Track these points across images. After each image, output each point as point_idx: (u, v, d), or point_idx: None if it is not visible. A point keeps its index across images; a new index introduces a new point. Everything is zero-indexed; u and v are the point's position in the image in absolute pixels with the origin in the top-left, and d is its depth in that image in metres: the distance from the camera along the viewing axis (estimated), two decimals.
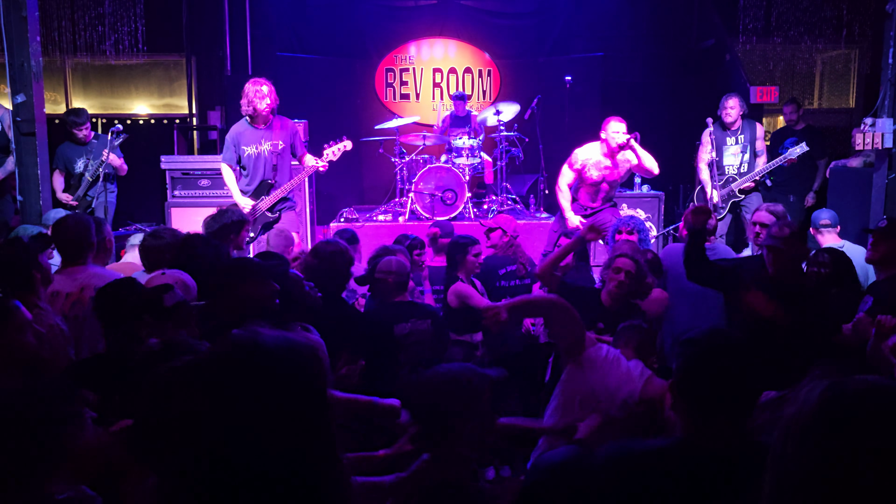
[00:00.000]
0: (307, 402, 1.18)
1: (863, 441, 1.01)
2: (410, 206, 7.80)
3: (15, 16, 5.12)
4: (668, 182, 9.14)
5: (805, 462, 1.04)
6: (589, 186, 5.92)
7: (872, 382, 1.07)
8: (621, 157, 5.78)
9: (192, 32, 9.59)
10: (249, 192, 5.57)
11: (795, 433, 1.06)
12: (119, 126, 6.42)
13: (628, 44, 10.28)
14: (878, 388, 1.06)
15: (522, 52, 10.28)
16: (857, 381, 1.08)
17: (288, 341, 1.21)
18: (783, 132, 7.89)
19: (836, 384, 1.07)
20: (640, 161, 5.69)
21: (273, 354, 1.18)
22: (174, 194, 7.42)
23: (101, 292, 2.64)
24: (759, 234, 4.27)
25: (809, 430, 1.05)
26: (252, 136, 5.55)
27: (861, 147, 5.60)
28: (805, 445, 1.05)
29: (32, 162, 5.31)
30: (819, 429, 1.04)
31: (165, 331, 2.53)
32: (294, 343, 1.22)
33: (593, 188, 5.91)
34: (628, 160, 5.77)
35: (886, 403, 1.04)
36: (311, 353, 1.23)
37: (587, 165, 5.82)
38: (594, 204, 5.99)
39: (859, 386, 1.07)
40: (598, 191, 5.92)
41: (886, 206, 5.54)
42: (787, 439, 1.07)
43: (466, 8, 10.20)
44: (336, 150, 5.60)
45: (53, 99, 9.57)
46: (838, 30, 9.17)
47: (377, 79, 10.10)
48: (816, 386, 1.08)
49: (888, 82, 5.47)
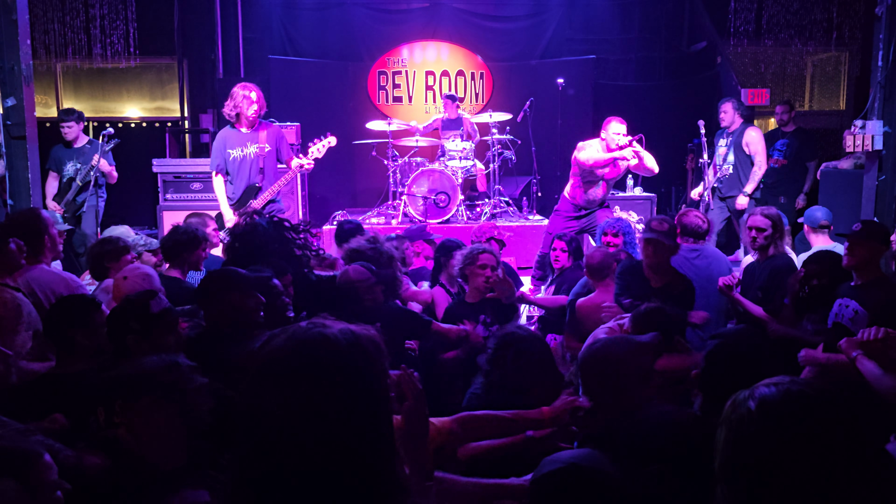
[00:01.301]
0: (372, 395, 1.16)
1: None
2: (403, 208, 7.80)
3: (5, 18, 5.10)
4: (661, 184, 9.16)
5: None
6: (588, 185, 6.00)
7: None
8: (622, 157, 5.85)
9: (184, 35, 9.57)
10: (235, 199, 5.53)
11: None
12: (111, 130, 6.38)
13: (620, 47, 10.33)
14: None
15: (515, 55, 10.29)
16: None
17: (355, 335, 1.18)
18: (774, 134, 7.93)
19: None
20: (641, 162, 5.79)
21: (340, 348, 1.15)
22: (166, 198, 7.40)
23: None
24: (756, 239, 4.25)
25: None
26: (237, 139, 5.52)
27: (851, 149, 5.63)
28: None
29: (23, 166, 5.27)
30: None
31: (153, 338, 2.52)
32: (359, 336, 1.19)
33: (593, 187, 5.99)
34: (627, 159, 5.83)
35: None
36: (375, 347, 1.20)
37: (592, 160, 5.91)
38: (587, 201, 6.05)
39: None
40: (595, 189, 5.99)
41: (877, 208, 5.56)
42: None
43: (459, 11, 10.21)
44: (321, 146, 5.58)
45: (44, 102, 9.53)
46: (828, 32, 9.23)
47: (369, 82, 10.10)
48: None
49: (878, 84, 5.50)
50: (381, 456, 1.16)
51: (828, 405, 1.15)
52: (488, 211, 8.01)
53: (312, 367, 1.13)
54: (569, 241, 5.06)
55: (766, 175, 7.65)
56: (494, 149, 8.16)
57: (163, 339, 2.54)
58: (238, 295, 2.85)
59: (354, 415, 1.13)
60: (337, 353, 1.15)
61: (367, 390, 1.16)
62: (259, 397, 1.14)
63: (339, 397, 1.12)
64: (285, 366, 1.14)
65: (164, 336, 2.55)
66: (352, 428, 1.12)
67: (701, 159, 6.91)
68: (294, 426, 1.11)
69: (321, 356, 1.14)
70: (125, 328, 2.53)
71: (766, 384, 1.20)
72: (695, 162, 8.28)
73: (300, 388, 1.12)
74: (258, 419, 1.13)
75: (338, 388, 1.12)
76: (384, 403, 1.19)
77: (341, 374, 1.14)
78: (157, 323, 2.55)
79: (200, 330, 2.91)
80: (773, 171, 7.67)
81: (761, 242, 4.24)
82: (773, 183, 7.60)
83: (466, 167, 8.15)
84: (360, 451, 1.12)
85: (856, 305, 3.48)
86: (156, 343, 2.51)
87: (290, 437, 1.10)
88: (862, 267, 3.55)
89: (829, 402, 1.16)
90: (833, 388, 1.20)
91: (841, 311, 3.57)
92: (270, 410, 1.12)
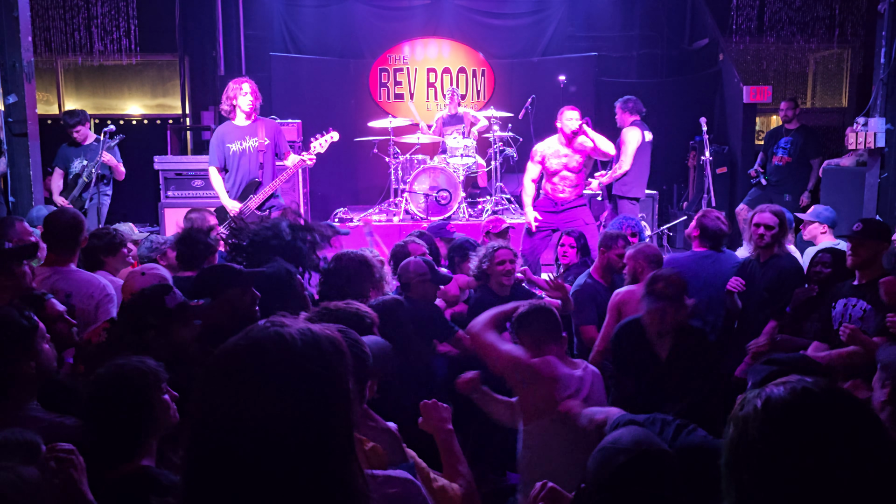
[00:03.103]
0: (328, 400, 1.11)
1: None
2: (405, 206, 7.80)
3: (6, 15, 5.10)
4: (662, 182, 9.16)
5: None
6: (551, 177, 6.18)
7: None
8: (578, 143, 6.06)
9: (185, 32, 9.56)
10: (235, 194, 5.51)
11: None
12: (112, 127, 6.38)
13: (622, 44, 10.31)
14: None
15: (517, 52, 10.28)
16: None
17: (314, 336, 1.14)
18: (777, 132, 7.90)
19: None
20: (594, 144, 5.98)
21: (296, 349, 1.10)
22: (167, 195, 7.40)
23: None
24: (763, 236, 4.19)
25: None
26: (235, 132, 5.51)
27: (854, 146, 5.62)
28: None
29: (24, 163, 5.29)
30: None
31: (170, 332, 2.51)
32: (319, 337, 1.14)
33: (556, 178, 6.16)
34: (583, 145, 6.04)
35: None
36: (335, 348, 1.16)
37: (546, 156, 6.15)
38: (562, 195, 6.15)
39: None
40: (561, 180, 6.14)
41: (879, 205, 5.56)
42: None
43: (460, 8, 10.20)
44: (323, 142, 5.57)
45: (46, 99, 9.52)
46: (831, 29, 9.21)
47: (371, 79, 10.09)
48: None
49: (880, 82, 5.49)
50: (335, 462, 1.11)
51: (833, 403, 1.15)
52: (489, 208, 8.00)
53: (264, 367, 1.08)
54: (577, 237, 5.04)
55: (771, 173, 7.64)
56: (496, 146, 8.15)
57: (179, 334, 2.52)
58: (237, 291, 2.85)
59: (307, 418, 1.08)
60: (291, 353, 1.10)
61: (323, 393, 1.10)
62: (209, 395, 1.10)
63: (291, 399, 1.07)
64: (237, 364, 1.10)
65: (181, 331, 2.54)
66: (303, 432, 1.07)
67: (703, 156, 6.90)
68: (242, 427, 1.06)
69: (274, 356, 1.09)
70: (142, 324, 2.49)
71: (775, 384, 1.20)
72: (697, 159, 8.26)
73: (250, 388, 1.07)
74: (206, 417, 1.09)
75: (289, 390, 1.07)
76: (342, 407, 1.13)
77: (294, 376, 1.08)
78: (174, 318, 2.53)
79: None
80: (777, 168, 7.65)
81: (768, 240, 4.15)
82: (777, 181, 7.58)
83: (468, 164, 8.14)
84: (312, 457, 1.08)
85: (864, 304, 3.49)
86: (173, 338, 2.50)
87: (237, 437, 1.06)
88: (866, 266, 3.56)
89: (835, 400, 1.16)
90: (840, 388, 1.20)
91: (847, 311, 3.56)
92: (219, 409, 1.08)
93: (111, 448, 1.92)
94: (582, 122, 5.97)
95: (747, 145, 8.38)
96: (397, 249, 4.57)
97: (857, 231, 3.59)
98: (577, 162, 6.09)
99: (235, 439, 1.06)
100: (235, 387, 1.08)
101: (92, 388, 1.98)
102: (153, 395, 1.99)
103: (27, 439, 1.68)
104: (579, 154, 6.07)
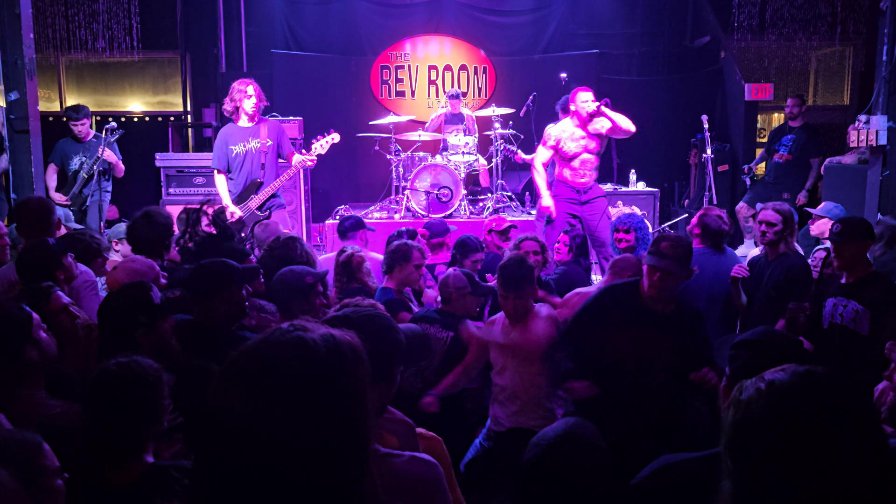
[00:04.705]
0: (348, 408, 1.10)
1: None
2: (406, 203, 7.80)
3: (8, 12, 5.10)
4: (664, 179, 9.16)
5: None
6: (570, 161, 5.98)
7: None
8: (593, 126, 5.89)
9: (187, 29, 9.56)
10: (236, 194, 5.52)
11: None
12: (113, 124, 6.39)
13: (623, 41, 10.30)
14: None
15: (518, 50, 10.27)
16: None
17: (335, 342, 1.12)
18: (780, 129, 7.89)
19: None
20: (614, 124, 5.78)
21: (319, 355, 1.09)
22: (169, 192, 7.40)
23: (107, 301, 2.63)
24: (766, 234, 4.20)
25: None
26: (239, 134, 5.52)
27: (855, 144, 5.62)
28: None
29: (26, 160, 5.30)
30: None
31: (156, 328, 2.51)
32: (340, 344, 1.12)
33: (576, 161, 5.97)
34: (600, 127, 5.87)
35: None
36: (355, 355, 1.14)
37: (562, 139, 5.94)
38: (583, 180, 5.99)
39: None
40: (581, 164, 5.97)
41: (881, 203, 5.56)
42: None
43: (462, 5, 10.19)
44: (324, 143, 5.58)
45: (47, 96, 9.53)
46: (833, 27, 9.20)
47: (372, 76, 10.08)
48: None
49: (882, 79, 5.49)
50: (351, 469, 1.09)
51: (836, 385, 1.18)
52: (490, 206, 8.00)
53: (285, 372, 1.06)
54: (573, 237, 5.05)
55: (770, 171, 7.63)
56: (497, 144, 8.15)
57: (163, 328, 2.54)
58: (235, 289, 2.86)
59: (326, 424, 1.06)
60: (314, 359, 1.08)
61: (343, 401, 1.09)
62: (225, 398, 1.07)
63: (311, 405, 1.05)
64: (257, 367, 1.08)
65: (164, 325, 2.55)
66: (321, 438, 1.05)
67: (704, 154, 6.89)
68: (259, 430, 1.04)
69: (296, 361, 1.07)
70: (133, 323, 2.47)
71: (774, 370, 1.23)
72: (698, 157, 8.26)
73: (269, 392, 1.05)
74: (223, 421, 1.06)
75: (310, 396, 1.06)
76: (360, 413, 1.12)
77: (316, 382, 1.07)
78: (160, 313, 2.54)
79: (192, 322, 2.87)
80: (777, 166, 7.64)
81: (770, 238, 4.17)
82: (776, 179, 7.58)
83: (469, 162, 8.14)
84: (329, 464, 1.06)
85: (855, 305, 3.46)
86: (158, 334, 2.51)
87: (252, 440, 1.04)
88: (853, 266, 3.53)
89: (837, 381, 1.19)
90: (835, 371, 1.24)
91: (837, 311, 3.54)
92: (235, 412, 1.05)
93: (118, 445, 1.93)
94: (601, 103, 5.77)
95: (749, 143, 8.38)
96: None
97: (836, 233, 3.52)
98: (596, 143, 5.96)
99: (251, 442, 1.04)
100: (254, 389, 1.06)
101: (98, 387, 1.98)
102: (159, 395, 2.01)
103: (27, 439, 1.67)
104: (596, 136, 5.94)
